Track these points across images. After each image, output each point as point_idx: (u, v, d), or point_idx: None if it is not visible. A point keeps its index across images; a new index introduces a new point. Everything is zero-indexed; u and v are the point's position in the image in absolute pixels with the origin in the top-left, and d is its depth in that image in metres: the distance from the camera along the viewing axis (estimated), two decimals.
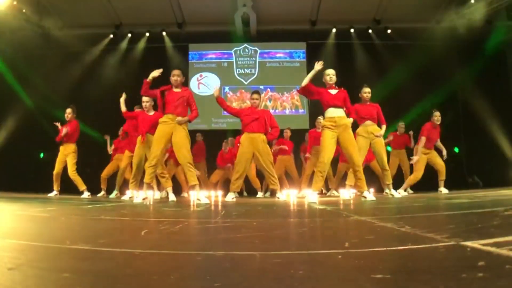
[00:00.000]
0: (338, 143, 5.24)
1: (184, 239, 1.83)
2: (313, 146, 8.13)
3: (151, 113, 6.42)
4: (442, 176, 7.15)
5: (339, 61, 11.52)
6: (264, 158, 6.08)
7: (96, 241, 1.66)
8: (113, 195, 7.59)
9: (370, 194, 5.23)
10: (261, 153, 6.07)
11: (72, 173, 7.30)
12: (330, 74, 5.36)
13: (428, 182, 7.49)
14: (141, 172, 6.11)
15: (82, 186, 7.32)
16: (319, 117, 8.33)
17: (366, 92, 6.37)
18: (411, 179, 7.07)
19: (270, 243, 1.60)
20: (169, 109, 5.38)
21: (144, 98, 6.37)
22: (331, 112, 5.28)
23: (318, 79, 5.33)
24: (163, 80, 5.38)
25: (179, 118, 5.31)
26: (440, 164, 7.13)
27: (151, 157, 5.37)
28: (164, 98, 5.44)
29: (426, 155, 7.09)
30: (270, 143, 6.71)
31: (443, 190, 7.08)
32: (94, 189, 7.83)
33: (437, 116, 7.06)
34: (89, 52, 11.56)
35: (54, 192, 7.38)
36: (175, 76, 5.47)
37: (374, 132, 6.07)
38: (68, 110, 7.40)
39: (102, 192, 8.09)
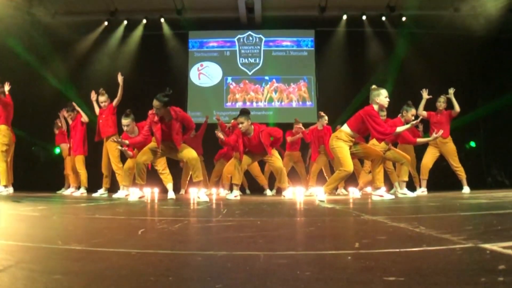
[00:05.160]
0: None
1: (183, 238, 1.84)
2: (320, 145, 8.20)
3: (135, 133, 6.37)
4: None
5: (349, 50, 11.49)
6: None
7: (90, 241, 1.67)
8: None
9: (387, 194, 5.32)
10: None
11: None
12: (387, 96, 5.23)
13: (445, 180, 7.47)
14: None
15: (3, 181, 6.77)
16: (321, 113, 8.46)
17: (440, 101, 7.17)
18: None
19: (275, 243, 1.61)
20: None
21: (124, 122, 6.35)
22: None
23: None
24: (158, 73, 5.34)
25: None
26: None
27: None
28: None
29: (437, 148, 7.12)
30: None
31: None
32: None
33: (439, 102, 7.21)
34: (82, 40, 11.55)
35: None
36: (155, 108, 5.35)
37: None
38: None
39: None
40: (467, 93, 10.12)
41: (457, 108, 6.92)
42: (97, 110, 7.33)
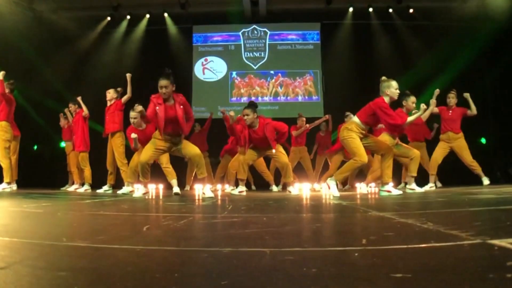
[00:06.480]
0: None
1: (188, 235, 1.85)
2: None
3: (142, 127, 6.37)
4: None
5: (356, 43, 11.45)
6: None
7: (94, 237, 1.68)
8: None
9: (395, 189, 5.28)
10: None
11: None
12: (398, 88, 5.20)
13: (456, 176, 7.44)
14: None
15: (7, 178, 6.78)
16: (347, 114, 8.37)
17: (450, 97, 7.13)
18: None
19: (281, 240, 1.61)
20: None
21: (132, 114, 6.30)
22: None
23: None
24: (162, 68, 5.21)
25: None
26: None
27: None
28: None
29: (448, 143, 7.10)
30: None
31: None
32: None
33: (449, 98, 7.17)
34: (85, 36, 11.57)
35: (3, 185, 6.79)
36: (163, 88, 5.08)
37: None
38: None
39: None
40: (477, 87, 10.07)
41: (474, 110, 6.94)
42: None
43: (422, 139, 7.97)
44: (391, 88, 4.99)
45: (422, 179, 7.08)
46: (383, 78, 5.15)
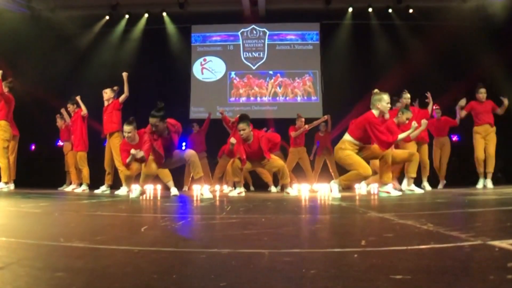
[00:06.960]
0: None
1: (186, 236, 1.84)
2: None
3: (136, 141, 6.21)
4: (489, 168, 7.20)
5: (355, 43, 11.43)
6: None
7: (92, 238, 1.68)
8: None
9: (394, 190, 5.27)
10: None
11: None
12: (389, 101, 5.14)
13: (459, 177, 7.47)
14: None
15: (4, 177, 6.75)
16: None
17: (482, 92, 7.23)
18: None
19: (280, 241, 1.61)
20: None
21: (126, 128, 6.15)
22: None
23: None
24: (160, 68, 5.24)
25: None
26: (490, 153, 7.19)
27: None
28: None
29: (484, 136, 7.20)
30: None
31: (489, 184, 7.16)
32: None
33: (482, 93, 7.25)
34: (83, 35, 11.55)
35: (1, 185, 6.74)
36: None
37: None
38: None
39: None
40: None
41: (503, 111, 7.17)
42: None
43: (446, 134, 8.01)
44: (383, 102, 4.89)
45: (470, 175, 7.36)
46: (376, 90, 5.07)
